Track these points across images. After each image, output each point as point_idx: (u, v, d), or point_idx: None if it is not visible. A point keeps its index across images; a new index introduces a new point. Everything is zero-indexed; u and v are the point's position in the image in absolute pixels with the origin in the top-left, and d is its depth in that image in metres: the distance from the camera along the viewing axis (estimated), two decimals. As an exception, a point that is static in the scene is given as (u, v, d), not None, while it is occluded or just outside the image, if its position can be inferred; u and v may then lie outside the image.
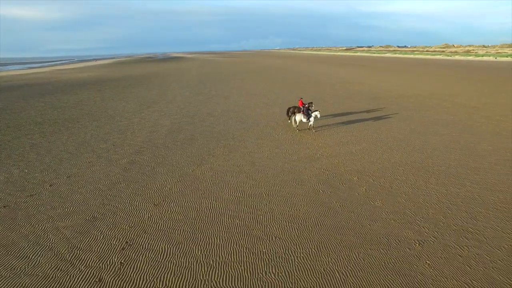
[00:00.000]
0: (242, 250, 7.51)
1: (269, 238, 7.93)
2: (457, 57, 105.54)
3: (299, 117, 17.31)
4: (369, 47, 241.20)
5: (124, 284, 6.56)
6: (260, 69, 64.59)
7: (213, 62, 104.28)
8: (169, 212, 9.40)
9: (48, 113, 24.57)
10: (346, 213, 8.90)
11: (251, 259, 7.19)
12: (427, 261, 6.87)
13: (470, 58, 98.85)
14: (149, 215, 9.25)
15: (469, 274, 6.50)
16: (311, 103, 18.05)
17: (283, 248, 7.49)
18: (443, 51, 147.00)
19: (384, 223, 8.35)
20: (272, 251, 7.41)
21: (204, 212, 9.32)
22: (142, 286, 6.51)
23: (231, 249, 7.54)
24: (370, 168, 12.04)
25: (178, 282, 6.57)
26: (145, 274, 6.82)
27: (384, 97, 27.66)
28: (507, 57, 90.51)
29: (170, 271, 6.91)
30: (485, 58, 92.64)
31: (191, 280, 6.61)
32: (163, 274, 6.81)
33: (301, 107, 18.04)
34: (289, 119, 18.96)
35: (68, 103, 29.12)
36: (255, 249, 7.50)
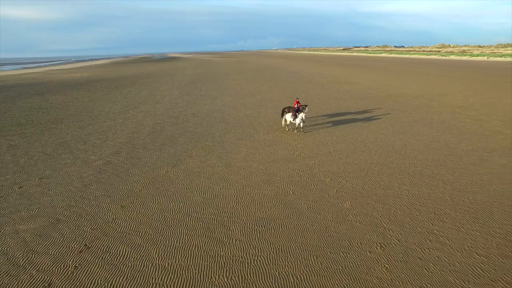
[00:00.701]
0: (200, 253, 7.36)
1: (230, 240, 7.79)
2: (452, 57, 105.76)
3: (288, 117, 17.17)
4: (366, 47, 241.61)
5: (74, 288, 6.40)
6: (255, 69, 64.47)
7: (209, 62, 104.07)
8: (134, 214, 9.25)
9: (33, 114, 24.35)
10: (312, 215, 8.77)
11: (207, 262, 7.04)
12: (386, 265, 6.74)
13: (465, 58, 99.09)
14: (114, 217, 9.09)
15: (426, 278, 6.37)
16: (306, 105, 17.94)
17: (241, 251, 7.35)
18: (439, 51, 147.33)
19: (349, 226, 8.22)
20: (229, 254, 7.26)
21: (170, 214, 9.17)
22: (92, 291, 6.35)
23: (189, 252, 7.40)
24: (345, 169, 11.92)
25: (128, 286, 6.42)
26: (97, 278, 6.66)
27: (373, 97, 27.58)
28: (501, 57, 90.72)
29: (123, 274, 6.76)
30: (478, 58, 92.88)
31: (142, 283, 6.46)
32: (115, 278, 6.65)
33: (295, 107, 18.01)
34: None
35: (56, 103, 28.91)
36: (213, 252, 7.36)
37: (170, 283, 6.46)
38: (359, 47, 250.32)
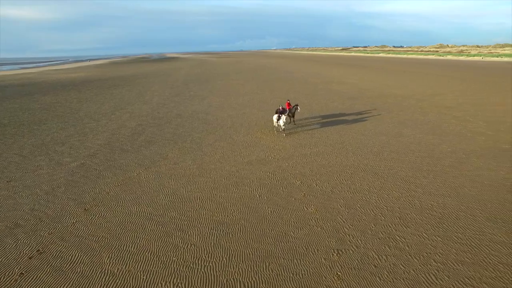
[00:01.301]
0: (152, 258, 7.18)
1: (185, 245, 7.60)
2: (449, 57, 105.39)
3: (274, 118, 16.92)
4: (365, 47, 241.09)
5: (16, 297, 6.23)
6: (251, 69, 64.25)
7: (206, 62, 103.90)
8: (96, 217, 9.07)
9: (18, 115, 24.20)
10: (274, 220, 8.58)
11: (158, 268, 6.86)
12: (338, 272, 6.54)
13: (462, 58, 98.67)
14: (74, 221, 8.91)
15: (377, 286, 6.17)
16: (297, 105, 17.84)
17: (194, 257, 7.16)
18: (436, 51, 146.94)
19: (309, 231, 8.02)
20: (181, 260, 7.08)
21: (131, 217, 8.99)
22: (34, 299, 6.18)
23: (142, 257, 7.22)
24: (318, 172, 11.72)
25: (71, 295, 6.24)
26: (41, 285, 6.48)
27: (363, 97, 27.34)
28: (497, 57, 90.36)
29: (69, 280, 6.58)
30: (474, 58, 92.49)
31: (85, 292, 6.29)
32: (59, 285, 6.48)
33: (288, 109, 17.87)
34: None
35: (44, 104, 28.76)
36: (166, 258, 7.17)
37: (113, 290, 6.28)
38: (357, 47, 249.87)
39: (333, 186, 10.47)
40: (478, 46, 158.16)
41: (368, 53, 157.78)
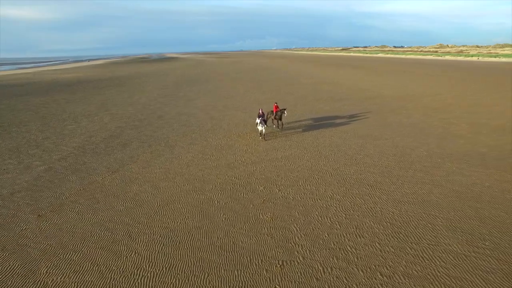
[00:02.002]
0: (91, 267, 6.92)
1: (129, 253, 7.36)
2: (447, 57, 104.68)
3: (258, 121, 16.22)
4: (365, 47, 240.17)
5: None
6: (246, 70, 63.99)
7: (203, 63, 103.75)
8: (48, 224, 8.84)
9: (1, 116, 24.05)
10: (225, 228, 8.31)
11: (94, 277, 6.61)
12: (277, 286, 6.27)
13: (460, 58, 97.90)
14: (23, 229, 8.68)
15: (314, 301, 5.90)
16: (284, 109, 17.30)
17: (134, 266, 6.92)
18: (436, 51, 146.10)
19: (259, 240, 7.75)
20: (121, 269, 6.83)
21: (83, 224, 8.76)
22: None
23: (81, 267, 6.97)
24: (284, 177, 11.44)
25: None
26: (-31, 299, 6.26)
27: (352, 98, 27.02)
28: (495, 57, 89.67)
29: (-2, 294, 6.35)
30: (472, 59, 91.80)
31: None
32: (-13, 299, 6.25)
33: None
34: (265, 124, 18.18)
35: (30, 105, 28.62)
36: (105, 267, 6.92)
37: (39, 304, 6.04)
38: (357, 47, 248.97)
39: (296, 192, 10.18)
40: (478, 46, 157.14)
41: (367, 53, 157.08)
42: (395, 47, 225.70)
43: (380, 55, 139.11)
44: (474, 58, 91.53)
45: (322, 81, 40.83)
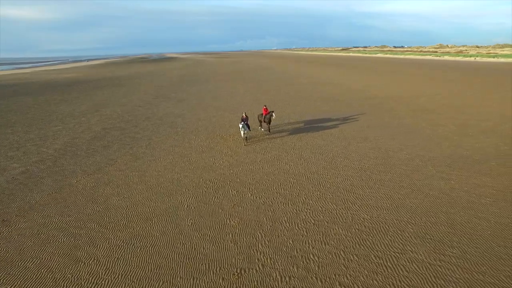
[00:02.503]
0: (47, 275, 6.75)
1: (88, 260, 7.18)
2: (445, 57, 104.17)
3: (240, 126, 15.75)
4: (365, 47, 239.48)
5: None
6: (244, 70, 63.77)
7: (202, 63, 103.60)
8: (10, 229, 8.68)
9: (-11, 116, 23.94)
10: (189, 233, 8.11)
11: (47, 286, 6.45)
12: (231, 295, 6.09)
13: (458, 58, 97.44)
14: (-14, 234, 8.53)
15: (266, 312, 5.71)
16: (272, 111, 16.98)
17: (90, 274, 6.75)
18: (435, 52, 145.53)
19: (221, 247, 7.57)
20: (75, 277, 6.66)
21: (47, 229, 8.58)
22: None
23: (35, 275, 6.80)
24: (259, 180, 11.25)
25: None
26: None
27: (344, 99, 26.76)
28: (493, 57, 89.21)
29: None
30: (470, 59, 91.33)
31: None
32: None
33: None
34: (260, 125, 17.98)
35: (22, 106, 28.53)
36: (60, 274, 6.75)
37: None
38: (357, 47, 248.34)
39: (267, 197, 10.00)
40: (477, 47, 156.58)
41: (366, 54, 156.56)
42: (395, 47, 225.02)
43: (379, 55, 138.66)
44: (472, 59, 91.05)
45: (317, 81, 40.58)
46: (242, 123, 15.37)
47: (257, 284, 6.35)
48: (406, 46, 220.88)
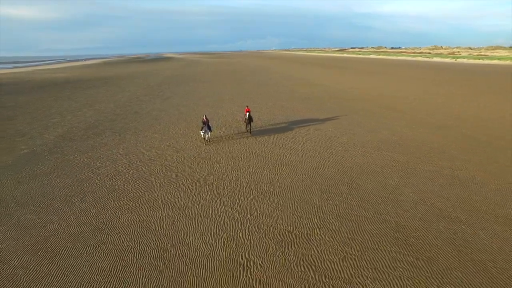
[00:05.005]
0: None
1: (68, 205, 10.15)
2: (434, 59, 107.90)
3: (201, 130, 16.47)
4: (361, 48, 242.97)
5: None
6: (238, 70, 66.66)
7: (196, 63, 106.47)
8: (23, 187, 11.59)
9: (-6, 110, 26.73)
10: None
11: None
12: None
13: (447, 60, 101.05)
14: (1, 189, 11.44)
15: None
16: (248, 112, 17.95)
17: (68, 210, 9.72)
18: (429, 53, 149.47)
19: (176, 195, 10.57)
20: (56, 210, 9.64)
21: (47, 185, 11.51)
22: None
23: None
24: (216, 155, 14.29)
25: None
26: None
27: (324, 101, 29.75)
28: (479, 59, 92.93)
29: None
30: (452, 60, 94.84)
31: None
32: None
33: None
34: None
35: (20, 102, 31.28)
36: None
37: None
38: (354, 48, 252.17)
39: (219, 166, 13.03)
40: (470, 48, 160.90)
41: (359, 55, 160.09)
42: (392, 48, 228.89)
43: (372, 56, 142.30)
44: (465, 60, 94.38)
45: (301, 82, 43.48)
46: (204, 126, 15.95)
47: (196, 215, 9.36)
48: (403, 47, 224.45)
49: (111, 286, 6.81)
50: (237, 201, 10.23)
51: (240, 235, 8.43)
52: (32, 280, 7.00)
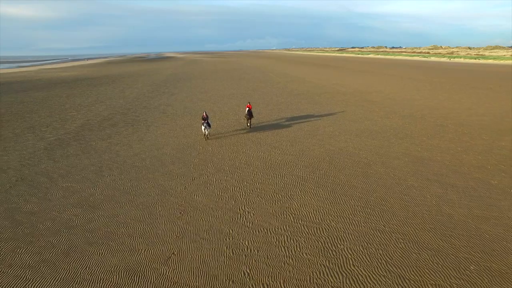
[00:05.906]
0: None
1: (100, 177, 12.51)
2: (432, 58, 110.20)
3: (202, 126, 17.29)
4: (361, 48, 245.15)
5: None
6: (236, 69, 68.98)
7: (197, 62, 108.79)
8: (59, 164, 13.96)
9: (13, 106, 29.15)
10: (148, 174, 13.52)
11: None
12: None
13: (443, 59, 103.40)
14: (43, 167, 13.80)
15: None
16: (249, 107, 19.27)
17: (97, 184, 12.08)
18: (427, 52, 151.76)
19: (185, 169, 12.94)
20: (91, 181, 12.00)
21: (78, 164, 13.89)
22: None
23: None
24: (220, 143, 16.66)
25: None
26: None
27: (315, 101, 32.18)
28: (475, 59, 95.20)
29: None
30: (455, 60, 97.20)
31: None
32: None
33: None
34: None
35: (37, 98, 33.67)
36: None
37: None
38: (354, 48, 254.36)
39: (221, 150, 15.41)
40: (469, 48, 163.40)
41: (359, 54, 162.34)
42: (392, 47, 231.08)
43: (370, 55, 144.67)
44: (461, 60, 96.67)
45: (294, 80, 45.99)
46: (204, 122, 16.68)
47: (203, 183, 11.73)
48: (403, 47, 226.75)
49: (143, 225, 9.15)
50: (236, 173, 12.59)
51: (238, 195, 10.80)
52: (83, 223, 9.35)
